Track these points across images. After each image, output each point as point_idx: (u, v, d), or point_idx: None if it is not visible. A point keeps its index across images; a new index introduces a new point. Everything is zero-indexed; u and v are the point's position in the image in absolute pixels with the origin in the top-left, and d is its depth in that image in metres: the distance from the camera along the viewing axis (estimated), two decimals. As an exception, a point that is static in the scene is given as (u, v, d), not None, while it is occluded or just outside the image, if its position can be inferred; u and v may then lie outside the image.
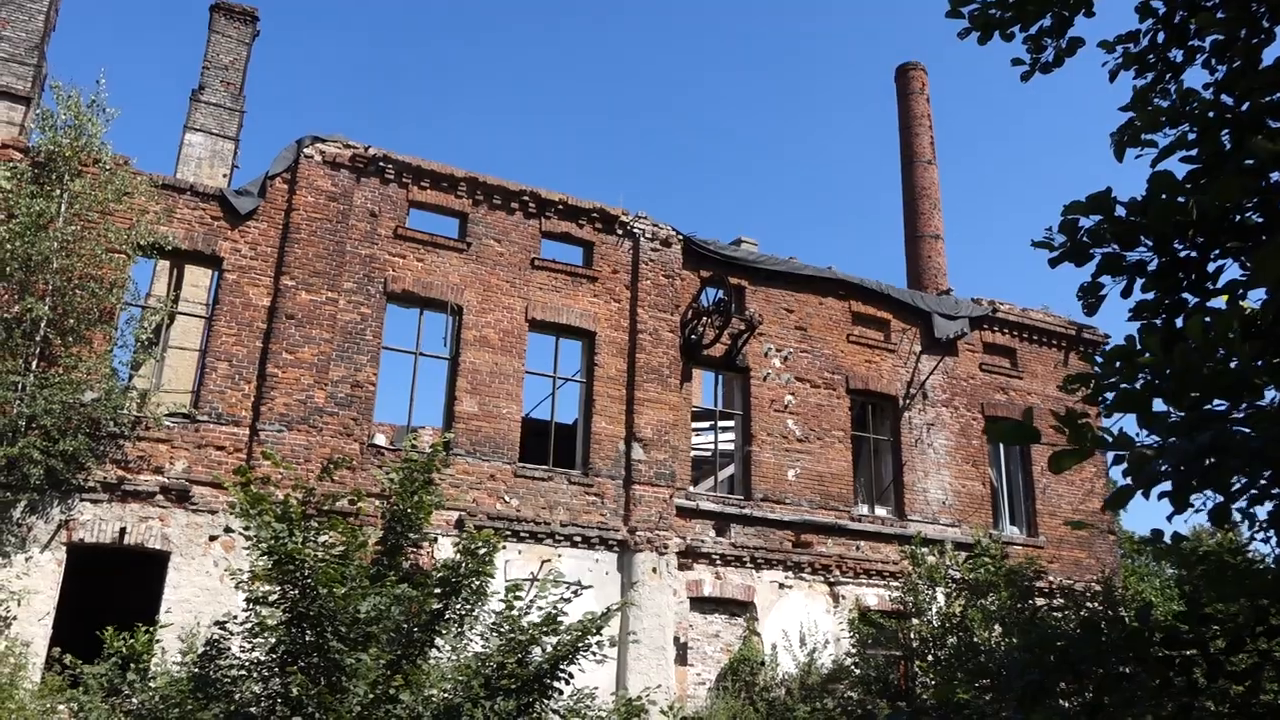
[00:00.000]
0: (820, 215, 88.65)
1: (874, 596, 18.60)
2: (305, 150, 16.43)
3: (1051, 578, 17.80)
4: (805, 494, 18.97)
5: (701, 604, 17.54)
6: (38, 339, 13.46)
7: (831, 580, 18.63)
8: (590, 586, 15.26)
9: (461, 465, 16.05)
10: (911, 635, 15.62)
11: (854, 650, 16.34)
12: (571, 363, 18.40)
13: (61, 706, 11.18)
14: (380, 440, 16.63)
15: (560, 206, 18.24)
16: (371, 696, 8.18)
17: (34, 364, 13.34)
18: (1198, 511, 2.79)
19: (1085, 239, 3.23)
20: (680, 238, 19.19)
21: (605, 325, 18.07)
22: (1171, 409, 2.64)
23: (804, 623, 17.51)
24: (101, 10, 61.88)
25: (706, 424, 20.95)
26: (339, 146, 16.68)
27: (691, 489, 18.71)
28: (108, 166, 14.47)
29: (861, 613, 17.71)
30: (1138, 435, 2.66)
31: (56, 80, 14.59)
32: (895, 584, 17.90)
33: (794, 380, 19.66)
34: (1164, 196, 3.05)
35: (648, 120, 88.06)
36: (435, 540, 14.78)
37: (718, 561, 17.78)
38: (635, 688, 14.86)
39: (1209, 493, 2.63)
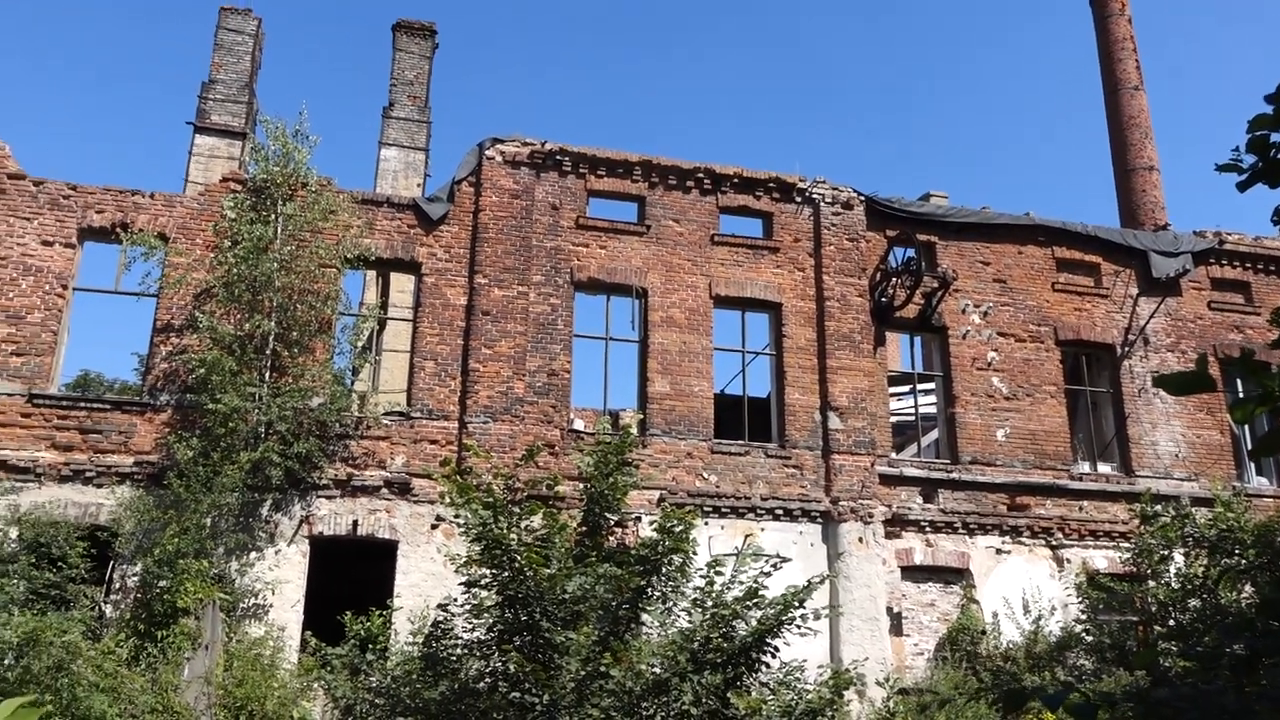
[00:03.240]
0: (1013, 160, 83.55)
1: (1102, 559, 17.43)
2: (487, 152, 17.10)
3: (1311, 531, 16.06)
4: (1017, 454, 18.01)
5: (913, 573, 17.04)
6: (268, 352, 14.75)
7: (1053, 543, 17.62)
8: (791, 560, 15.12)
9: (658, 445, 16.30)
10: (1149, 599, 14.52)
11: (1084, 616, 15.39)
12: (759, 336, 18.28)
13: (315, 684, 12.28)
14: (580, 425, 17.16)
15: (735, 180, 18.11)
16: (584, 673, 8.46)
17: (267, 375, 14.63)
18: None
19: (1280, 155, 2.83)
20: (862, 199, 18.62)
21: (791, 295, 17.82)
22: None
23: (1025, 589, 16.65)
24: (298, 41, 66.78)
25: (905, 388, 20.27)
26: (517, 145, 17.26)
27: (894, 456, 18.17)
28: (314, 189, 15.63)
29: (1090, 576, 16.65)
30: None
31: (265, 115, 15.89)
32: (1126, 545, 16.68)
33: (996, 336, 18.68)
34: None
35: (816, 79, 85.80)
36: (639, 519, 15.14)
37: (927, 529, 17.21)
38: (849, 660, 14.64)
39: None
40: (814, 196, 18.42)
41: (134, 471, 14.20)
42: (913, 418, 19.67)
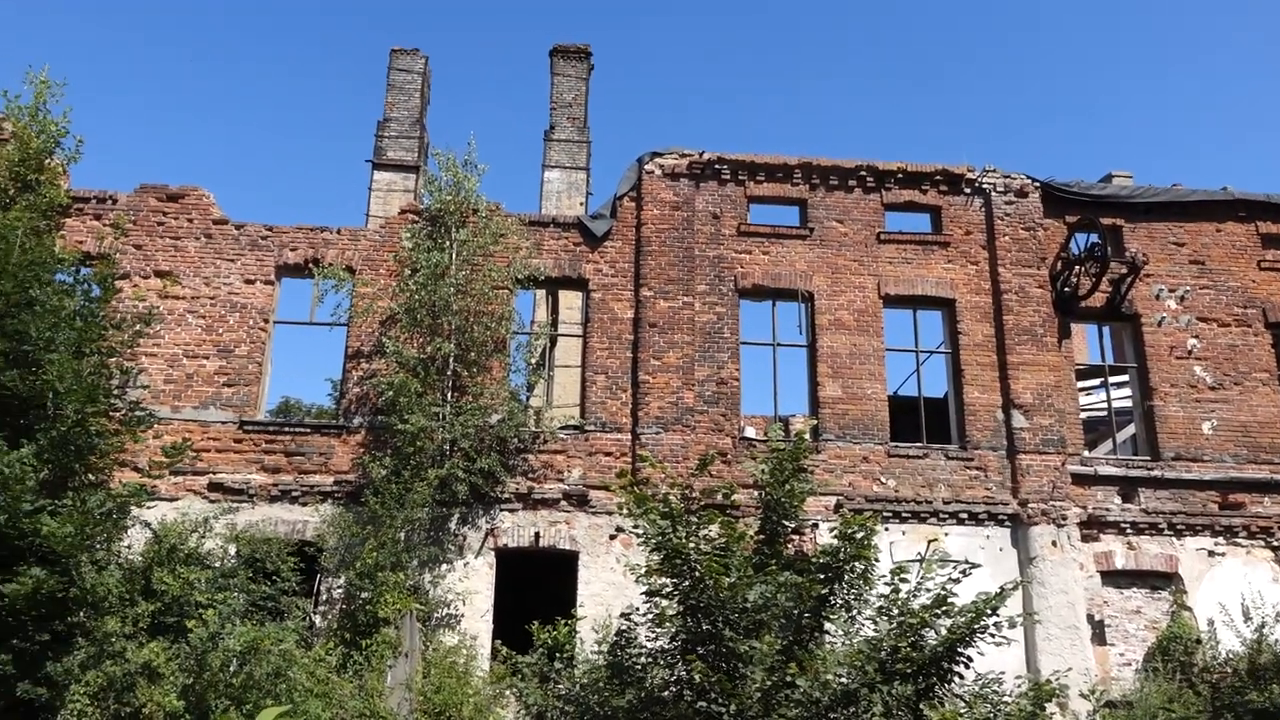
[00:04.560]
0: (1204, 132, 77.36)
1: (1335, 560, 15.82)
2: (646, 166, 17.34)
3: None
4: (1227, 448, 16.63)
5: (1115, 577, 15.99)
6: (449, 373, 15.45)
7: (1275, 544, 16.16)
8: (980, 565, 14.51)
9: (833, 450, 16.02)
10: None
11: (1315, 624, 14.01)
12: (933, 334, 17.68)
13: (507, 692, 12.73)
14: (751, 433, 17.08)
15: (899, 175, 17.63)
16: (769, 683, 8.39)
17: (449, 395, 15.32)
18: None
19: None
20: (1037, 185, 17.72)
21: (965, 290, 17.16)
22: None
23: (1245, 594, 15.30)
24: (461, 73, 69.75)
25: (1095, 382, 19.11)
26: (675, 157, 17.41)
27: (1086, 454, 17.15)
28: (484, 214, 16.30)
29: (1321, 580, 15.15)
30: None
31: (437, 148, 16.72)
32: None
33: (1196, 321, 17.34)
34: None
35: (981, 62, 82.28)
36: (815, 526, 14.94)
37: (1128, 530, 16.12)
38: (1047, 670, 13.88)
39: None
40: (984, 186, 17.68)
41: (334, 490, 15.15)
42: (1105, 413, 18.49)
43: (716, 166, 17.44)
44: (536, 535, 15.29)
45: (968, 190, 17.69)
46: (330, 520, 14.64)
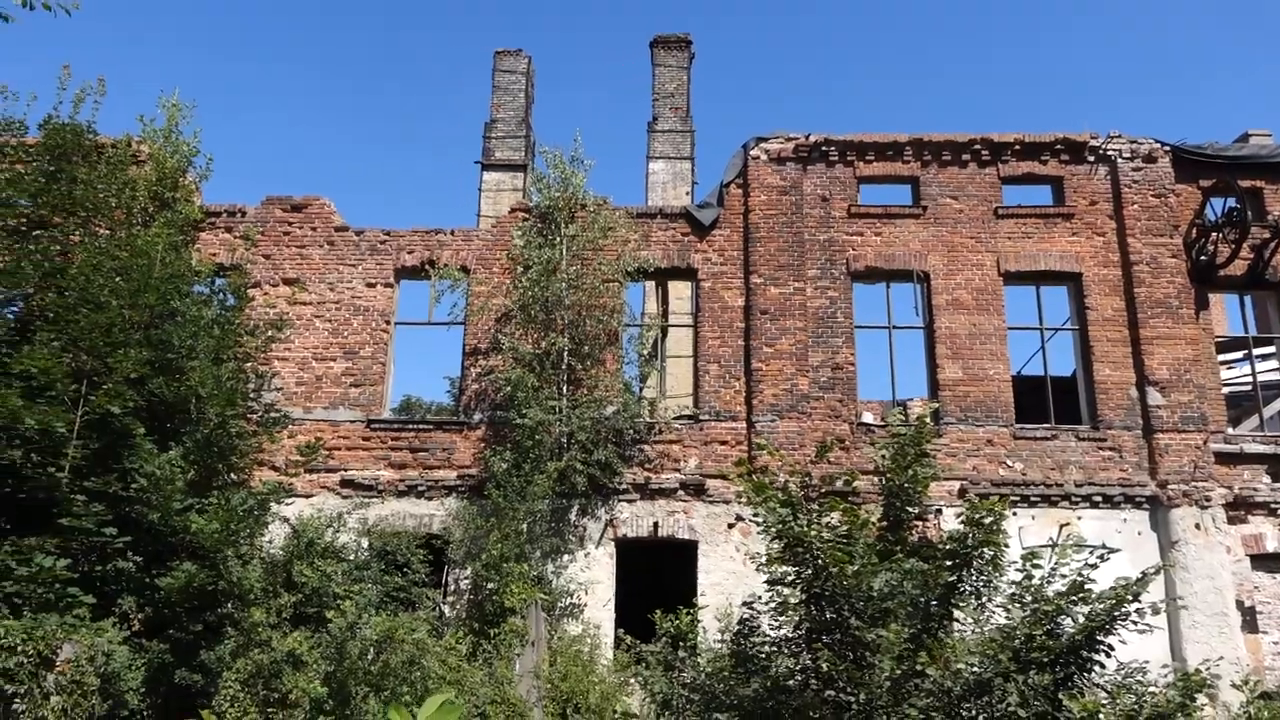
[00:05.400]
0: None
1: None
2: (751, 152, 17.19)
3: None
4: (1390, 421, 15.47)
5: (1266, 561, 15.11)
6: (563, 367, 15.68)
7: None
8: (1118, 550, 13.93)
9: (954, 433, 15.59)
10: None
11: None
12: (1058, 311, 17.00)
13: (632, 680, 12.87)
14: (868, 418, 16.77)
15: (1017, 146, 16.99)
16: (899, 672, 8.23)
17: (564, 389, 15.56)
18: None
19: None
20: (1166, 149, 16.82)
21: (1091, 263, 16.43)
22: None
23: None
24: (563, 70, 70.48)
25: (1238, 354, 18.03)
26: (781, 141, 17.20)
27: (1231, 431, 16.21)
28: (592, 209, 16.46)
29: None
30: None
31: (544, 146, 16.93)
32: None
33: (1350, 286, 16.18)
34: None
35: (1093, 24, 78.32)
36: (939, 512, 14.58)
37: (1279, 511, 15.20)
38: (1194, 659, 13.22)
39: None
40: (1109, 153, 16.88)
41: (458, 484, 15.58)
42: (1250, 387, 17.44)
43: (824, 148, 17.15)
44: (655, 525, 15.38)
45: (1091, 158, 16.92)
46: (455, 513, 15.08)
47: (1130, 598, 8.63)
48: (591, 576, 15.06)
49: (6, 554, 10.80)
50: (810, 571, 8.85)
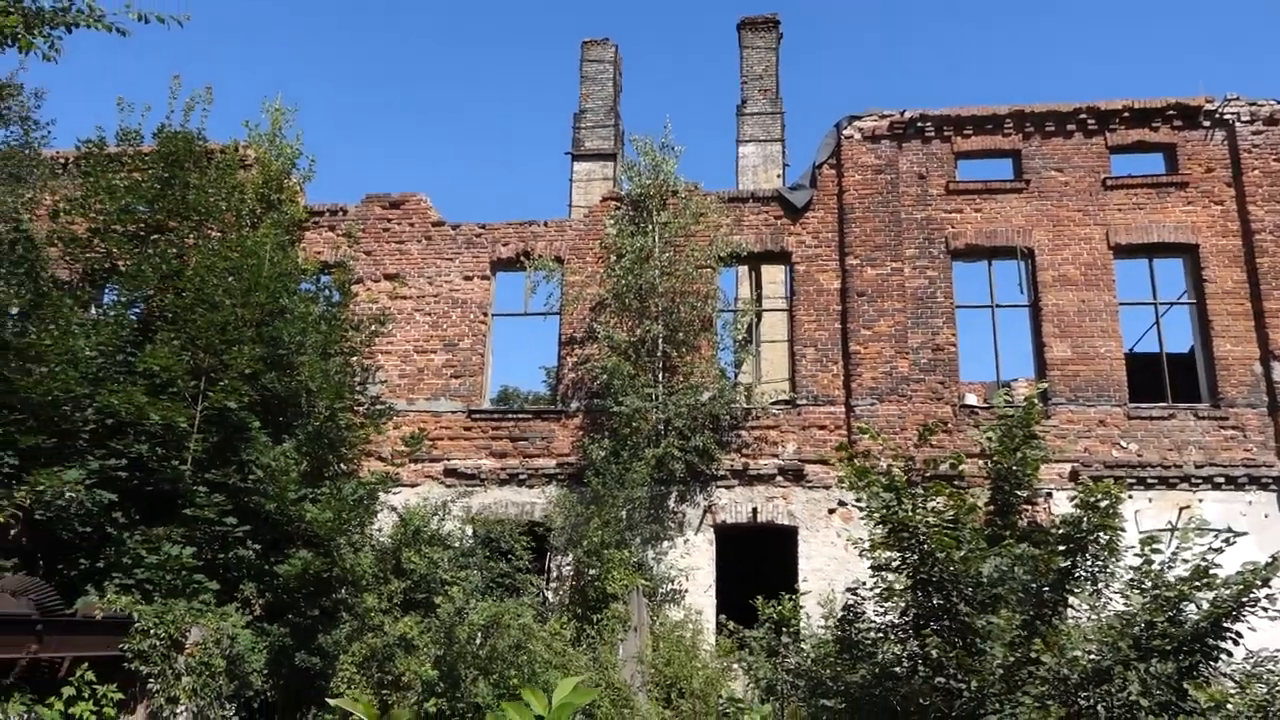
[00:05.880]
0: None
1: None
2: (844, 132, 16.88)
3: None
4: None
5: None
6: (658, 354, 15.72)
7: None
8: (1245, 533, 13.26)
9: (1064, 414, 15.09)
10: None
11: None
12: (1173, 284, 16.25)
13: (735, 665, 12.87)
14: (971, 400, 16.36)
15: (1125, 114, 16.28)
16: (1011, 659, 8.03)
17: (660, 376, 15.60)
18: None
19: None
20: (1291, 109, 15.87)
21: (1208, 234, 15.65)
22: None
23: None
24: (649, 57, 70.37)
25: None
26: (875, 119, 16.85)
27: (1365, 406, 15.25)
28: (684, 195, 16.42)
29: None
30: None
31: (634, 134, 16.96)
32: None
33: None
34: None
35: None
36: (1049, 495, 14.15)
37: None
38: (1329, 648, 12.50)
39: None
40: (1226, 117, 16.03)
41: (557, 472, 15.79)
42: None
43: (919, 124, 16.73)
44: (754, 511, 15.32)
45: (1206, 123, 16.10)
46: (556, 501, 15.29)
47: (1260, 583, 8.23)
48: (691, 562, 15.09)
49: (137, 543, 11.40)
50: (916, 557, 8.70)
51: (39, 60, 7.94)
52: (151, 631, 10.41)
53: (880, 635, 9.33)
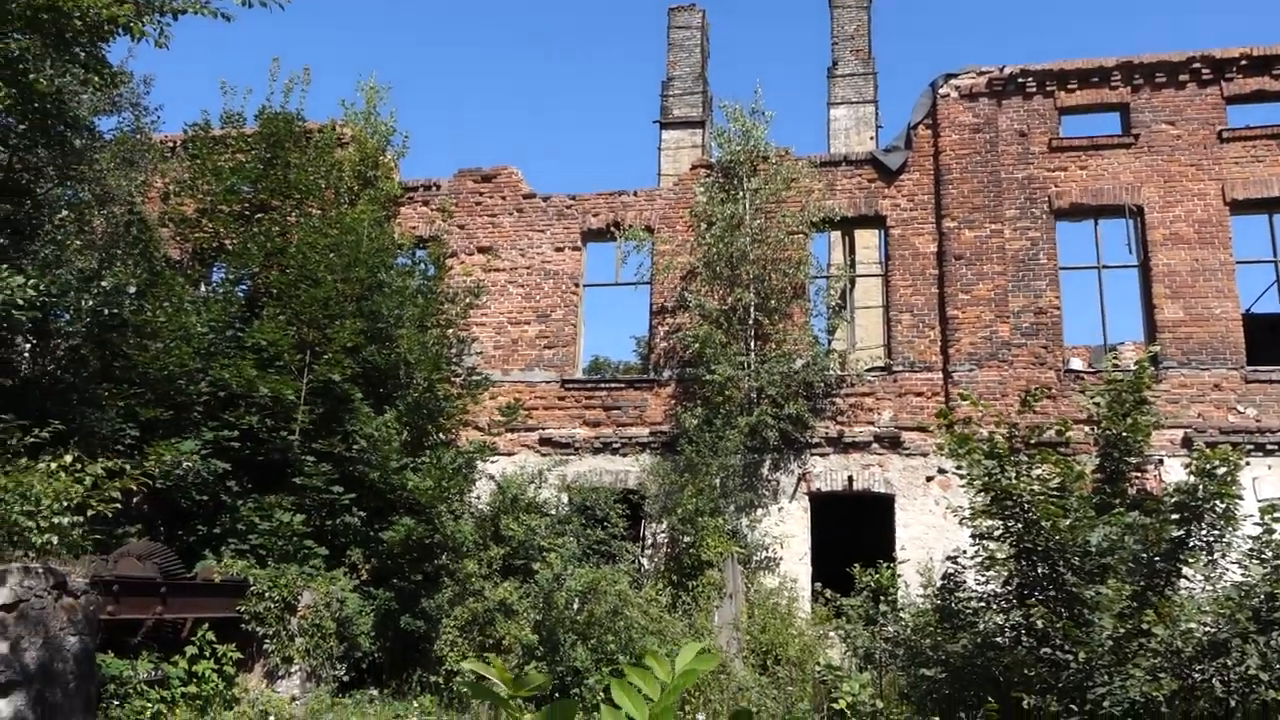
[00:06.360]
0: None
1: None
2: (940, 91, 16.38)
3: None
4: None
5: None
6: (750, 322, 15.61)
7: None
8: (1377, 501, 12.53)
9: (1176, 378, 14.47)
10: None
11: None
12: (1296, 239, 15.35)
13: (832, 633, 12.81)
14: (1076, 364, 15.83)
15: (1243, 62, 15.37)
16: (1121, 630, 7.80)
17: (752, 344, 15.50)
18: None
19: None
20: None
21: (1337, 185, 14.72)
22: None
23: None
24: (737, 21, 69.31)
25: None
26: (972, 76, 16.29)
27: None
28: (774, 161, 16.19)
29: None
30: None
31: (724, 100, 16.76)
32: None
33: None
34: None
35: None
36: (1161, 462, 13.64)
37: None
38: None
39: None
40: (1358, 59, 15.00)
41: (650, 441, 15.88)
42: None
43: (1020, 80, 16.11)
44: (850, 479, 15.16)
45: (1335, 67, 15.09)
46: (650, 469, 15.39)
47: (1393, 555, 7.80)
48: (786, 530, 15.04)
49: (250, 510, 11.93)
50: (1020, 526, 8.49)
51: (149, 47, 8.29)
52: (266, 594, 10.90)
53: (982, 605, 9.16)
